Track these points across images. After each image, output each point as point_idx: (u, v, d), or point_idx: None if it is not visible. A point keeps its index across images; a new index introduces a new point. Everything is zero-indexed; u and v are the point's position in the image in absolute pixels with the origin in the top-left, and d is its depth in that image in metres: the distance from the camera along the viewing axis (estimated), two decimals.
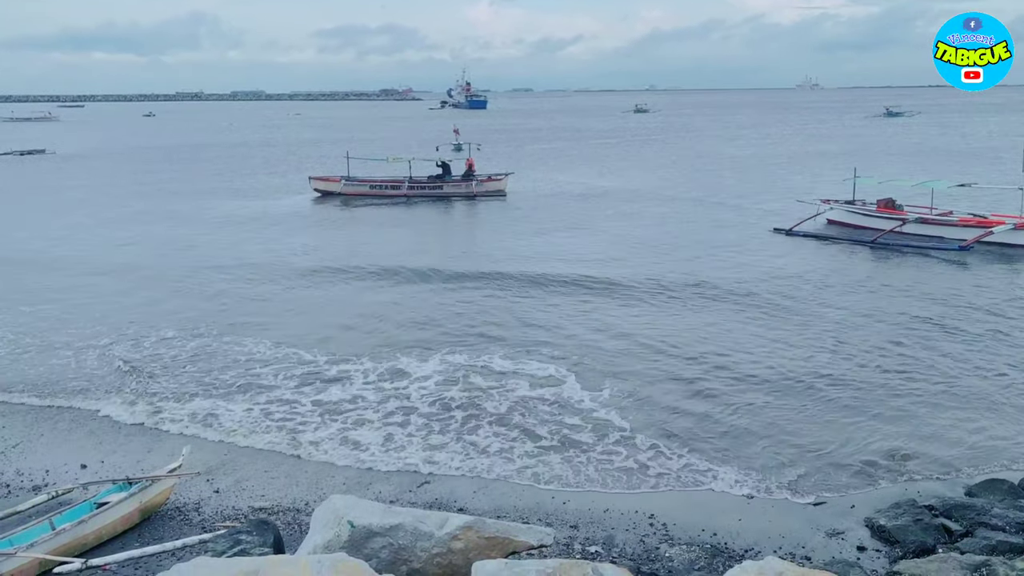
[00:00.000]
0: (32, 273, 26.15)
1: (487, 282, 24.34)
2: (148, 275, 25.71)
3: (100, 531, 10.38)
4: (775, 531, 10.62)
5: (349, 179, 44.40)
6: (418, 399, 15.30)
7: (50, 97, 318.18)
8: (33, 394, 15.88)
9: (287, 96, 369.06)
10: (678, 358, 17.35)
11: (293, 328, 19.87)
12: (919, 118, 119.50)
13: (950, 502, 10.92)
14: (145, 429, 14.32)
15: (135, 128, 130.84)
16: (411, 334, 19.31)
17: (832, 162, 57.32)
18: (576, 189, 45.93)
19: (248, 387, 16.06)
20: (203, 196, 45.08)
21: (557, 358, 17.38)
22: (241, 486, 12.14)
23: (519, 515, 11.03)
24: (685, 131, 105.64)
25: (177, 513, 11.31)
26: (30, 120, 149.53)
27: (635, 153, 71.53)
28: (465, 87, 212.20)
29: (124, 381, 16.49)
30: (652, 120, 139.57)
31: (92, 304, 22.29)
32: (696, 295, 22.50)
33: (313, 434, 13.94)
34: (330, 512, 8.64)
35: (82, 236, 33.06)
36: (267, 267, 26.90)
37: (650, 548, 10.21)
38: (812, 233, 31.05)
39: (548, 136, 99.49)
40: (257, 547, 9.11)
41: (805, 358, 17.16)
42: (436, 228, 36.53)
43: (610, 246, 29.66)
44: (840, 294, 22.45)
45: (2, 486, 12.10)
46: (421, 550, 8.35)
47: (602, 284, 23.76)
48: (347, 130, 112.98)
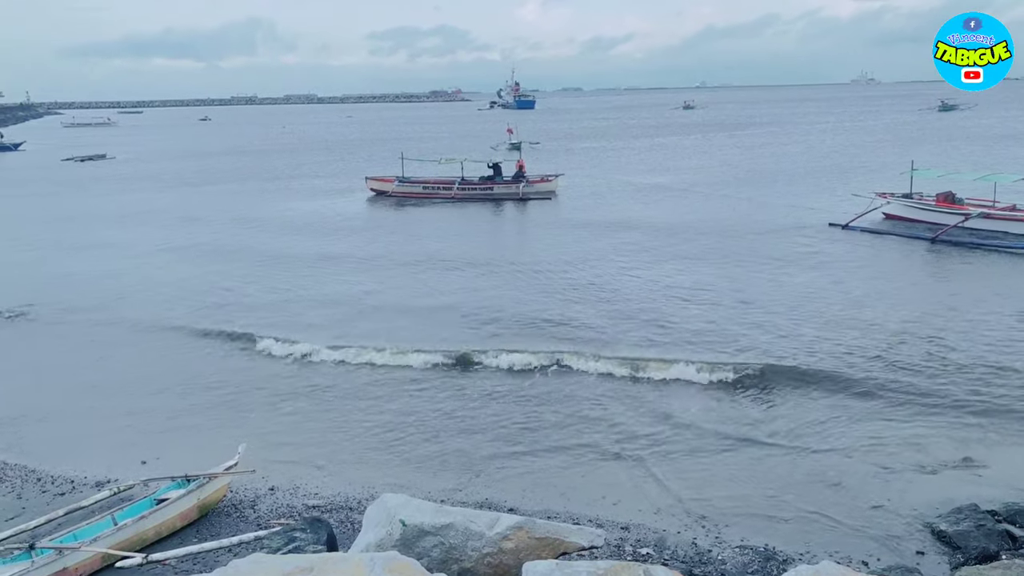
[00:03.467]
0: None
1: (537, 282, 24.35)
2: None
3: (160, 527, 10.65)
4: (831, 535, 10.43)
5: (402, 179, 45.20)
6: (472, 399, 15.37)
7: (111, 103, 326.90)
8: (97, 394, 16.37)
9: (339, 99, 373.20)
10: (735, 356, 17.15)
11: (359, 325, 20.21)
12: (975, 111, 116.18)
13: (1014, 507, 10.60)
14: (201, 427, 14.65)
15: (192, 132, 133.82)
16: (466, 334, 19.42)
17: (884, 155, 56.05)
18: (626, 188, 45.52)
19: (299, 386, 16.32)
20: (268, 196, 46.07)
21: (613, 360, 17.32)
22: (295, 484, 12.34)
23: (569, 516, 11.02)
24: (734, 128, 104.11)
25: (233, 510, 11.54)
26: (90, 126, 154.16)
27: (684, 150, 70.72)
28: (514, 87, 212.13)
29: (182, 378, 16.90)
30: (701, 117, 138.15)
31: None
32: (754, 293, 22.12)
33: (365, 431, 14.09)
34: (382, 511, 8.71)
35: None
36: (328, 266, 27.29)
37: (702, 551, 10.10)
38: (869, 228, 30.33)
39: (596, 134, 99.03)
40: (311, 544, 9.25)
41: (866, 358, 16.76)
42: (486, 230, 36.62)
43: (660, 244, 29.35)
44: (901, 292, 21.93)
45: (67, 482, 12.49)
46: (472, 550, 8.37)
47: (657, 284, 23.58)
48: (398, 131, 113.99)
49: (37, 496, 12.01)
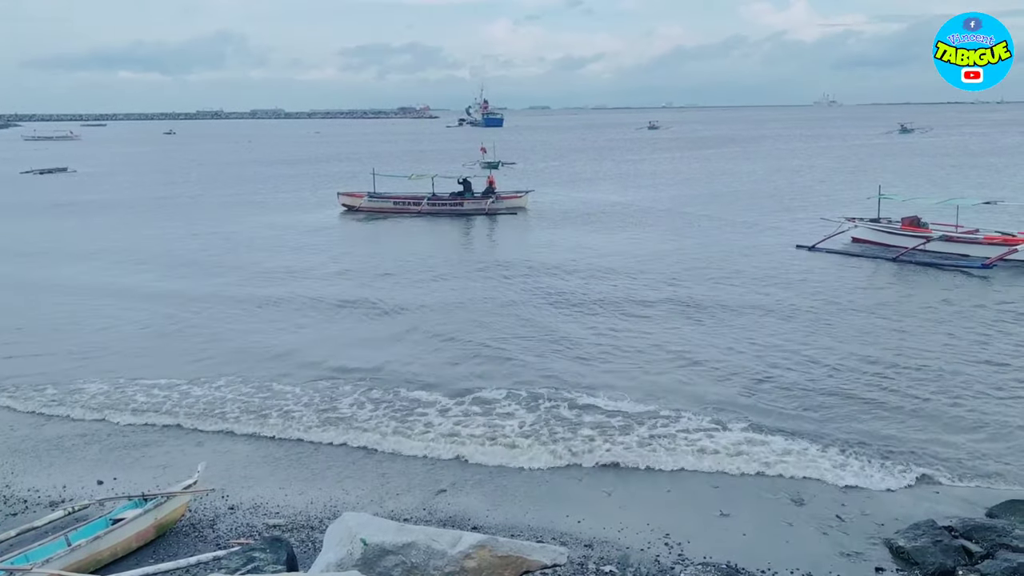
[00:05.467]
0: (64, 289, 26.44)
1: (498, 293, 24.40)
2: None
3: (115, 547, 10.42)
4: (791, 552, 10.49)
5: (373, 195, 45.84)
6: (433, 413, 15.30)
7: (73, 116, 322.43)
8: (50, 405, 16.04)
9: (306, 114, 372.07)
10: (701, 373, 17.39)
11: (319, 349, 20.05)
12: (929, 134, 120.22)
13: (970, 523, 10.75)
14: (159, 444, 14.40)
15: (156, 146, 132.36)
16: (423, 348, 19.41)
17: (848, 177, 57.20)
18: (591, 206, 46.02)
19: (264, 405, 16.13)
20: (233, 210, 45.67)
21: (576, 373, 17.41)
22: (255, 503, 12.16)
23: (532, 533, 10.97)
24: (697, 148, 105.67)
25: (192, 530, 11.34)
26: (52, 139, 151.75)
27: (648, 170, 71.51)
28: (483, 105, 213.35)
29: (132, 395, 16.62)
30: (664, 137, 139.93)
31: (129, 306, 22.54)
32: (720, 309, 22.54)
33: (326, 451, 13.96)
34: (343, 530, 8.65)
35: None
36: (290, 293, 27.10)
37: (665, 568, 10.11)
38: (836, 250, 30.94)
39: (562, 152, 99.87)
40: (271, 564, 9.12)
41: (826, 373, 17.09)
42: (457, 243, 36.67)
43: (630, 262, 29.59)
44: (863, 307, 22.52)
45: (19, 501, 12.18)
46: (434, 568, 8.34)
47: (622, 298, 23.80)
48: (367, 147, 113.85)
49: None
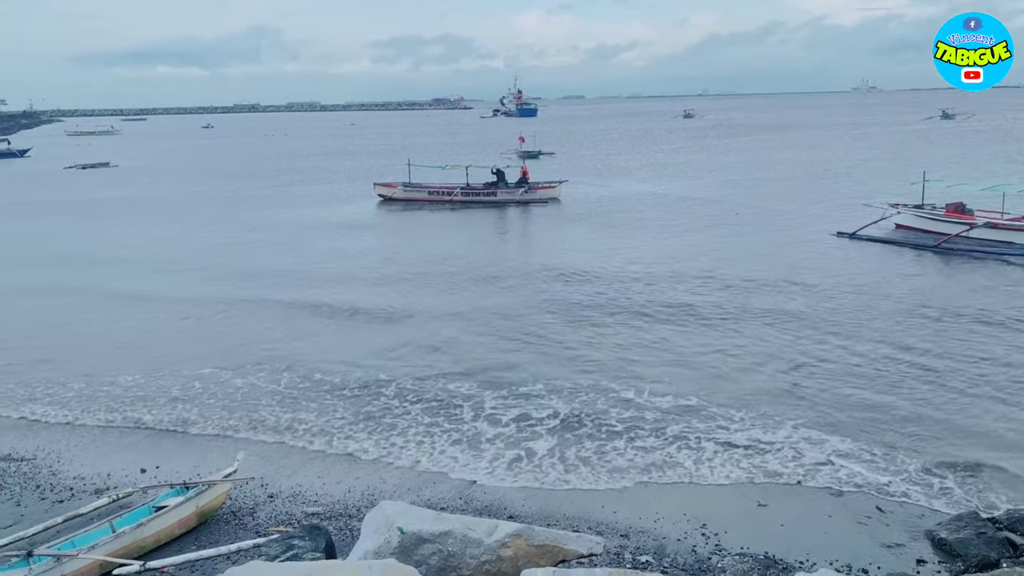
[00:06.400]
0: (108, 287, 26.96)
1: (533, 288, 24.40)
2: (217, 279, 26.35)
3: (158, 534, 10.63)
4: (830, 542, 10.39)
5: (407, 185, 46.16)
6: (468, 406, 15.36)
7: (114, 111, 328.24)
8: (92, 396, 16.37)
9: (342, 107, 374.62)
10: (737, 368, 17.17)
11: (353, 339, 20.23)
12: (972, 120, 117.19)
13: (1015, 515, 10.53)
14: (199, 433, 14.64)
15: (194, 140, 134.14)
16: (462, 344, 19.48)
17: (883, 166, 56.18)
18: (625, 196, 45.72)
19: (302, 396, 16.31)
20: (274, 204, 46.19)
21: (615, 368, 17.37)
22: (294, 491, 12.31)
23: (569, 523, 10.98)
24: (733, 136, 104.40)
25: (232, 517, 11.52)
26: (94, 134, 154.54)
27: (683, 159, 70.76)
28: (516, 95, 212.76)
29: (173, 387, 16.91)
30: (701, 124, 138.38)
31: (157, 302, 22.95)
32: (758, 300, 22.18)
33: (363, 441, 14.08)
34: (380, 518, 8.70)
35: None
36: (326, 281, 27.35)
37: (702, 558, 10.07)
38: (877, 237, 30.40)
39: (595, 142, 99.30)
40: (309, 552, 9.23)
41: (866, 367, 16.79)
42: (489, 234, 36.72)
43: (664, 254, 29.27)
44: (905, 298, 22.00)
45: (65, 489, 12.47)
46: (470, 557, 8.36)
47: (655, 292, 23.63)
48: (402, 139, 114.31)
49: (36, 503, 11.98)
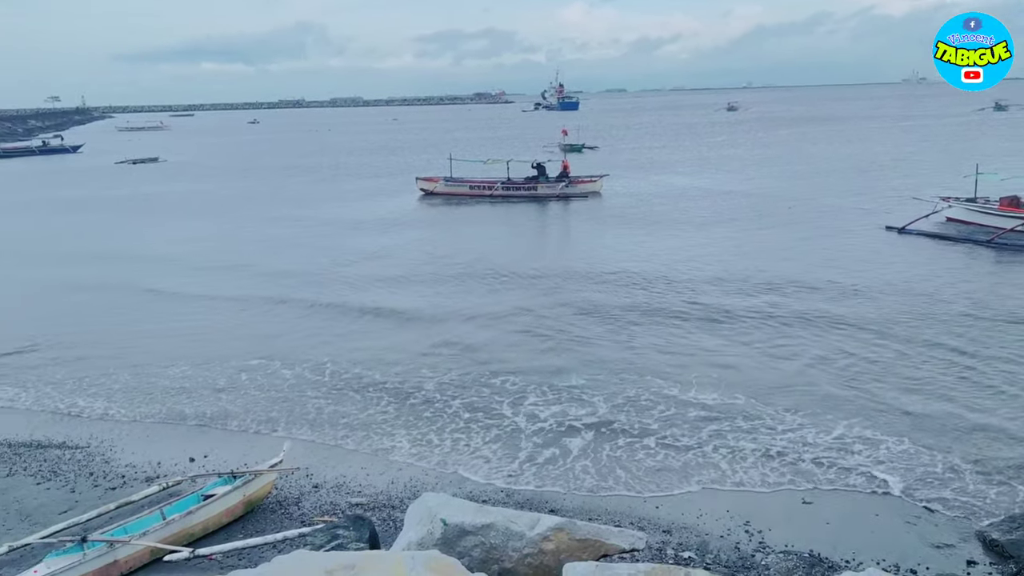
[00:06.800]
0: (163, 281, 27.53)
1: (573, 284, 24.34)
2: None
3: (206, 522, 10.85)
4: (878, 542, 10.23)
5: (449, 179, 46.44)
6: (508, 403, 15.41)
7: (163, 107, 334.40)
8: (141, 388, 16.74)
9: (384, 102, 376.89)
10: (786, 368, 16.97)
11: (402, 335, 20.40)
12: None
13: None
14: (244, 424, 14.88)
15: (240, 135, 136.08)
16: (503, 341, 19.52)
17: (933, 159, 54.92)
18: (667, 191, 45.26)
19: (346, 387, 16.50)
20: (322, 199, 46.74)
21: (658, 366, 17.28)
22: (338, 482, 12.47)
23: (610, 518, 10.96)
24: (778, 128, 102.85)
25: (278, 507, 11.70)
26: (143, 129, 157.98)
27: (727, 153, 69.88)
28: (558, 89, 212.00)
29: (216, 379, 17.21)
30: (743, 118, 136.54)
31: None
32: (805, 298, 21.76)
33: (404, 434, 14.20)
34: (423, 510, 8.76)
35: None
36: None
37: (745, 555, 9.98)
38: (927, 231, 29.70)
39: (637, 135, 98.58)
40: (353, 542, 9.32)
41: (916, 366, 16.47)
42: (530, 231, 36.71)
43: (708, 252, 28.89)
44: (957, 297, 21.30)
45: (118, 477, 12.78)
46: (512, 550, 8.38)
47: (709, 290, 23.41)
48: (443, 134, 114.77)
49: (89, 490, 12.31)
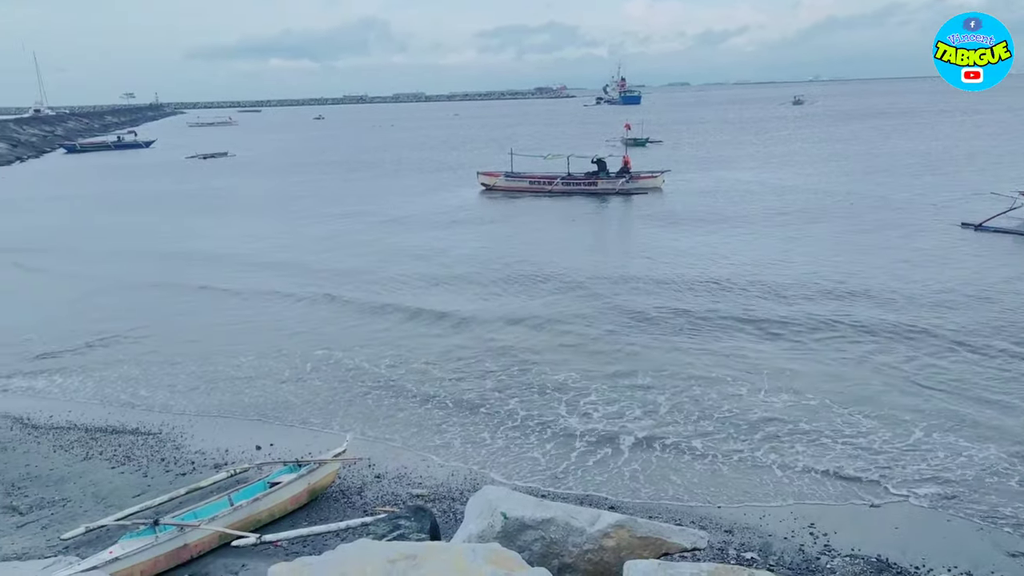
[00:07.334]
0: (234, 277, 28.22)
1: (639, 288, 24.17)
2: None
3: (272, 509, 11.09)
4: (948, 549, 9.93)
5: (509, 174, 46.69)
6: (566, 401, 15.38)
7: (232, 103, 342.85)
8: (210, 377, 17.19)
9: (446, 97, 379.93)
10: (861, 372, 16.51)
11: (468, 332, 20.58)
12: None
13: None
14: (309, 413, 15.16)
15: (306, 131, 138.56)
16: (567, 340, 19.50)
17: (1009, 153, 52.93)
18: (731, 187, 44.42)
19: (406, 379, 16.68)
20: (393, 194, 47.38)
21: (724, 367, 17.07)
22: (400, 473, 12.61)
23: (671, 516, 10.87)
24: (846, 122, 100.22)
25: (341, 496, 11.90)
26: (213, 125, 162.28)
27: (794, 148, 68.39)
28: (620, 83, 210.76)
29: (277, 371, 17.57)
30: (810, 112, 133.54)
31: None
32: (875, 302, 20.96)
33: (463, 428, 14.29)
34: (484, 503, 8.80)
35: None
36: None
37: (810, 558, 9.79)
38: (1006, 228, 28.63)
39: (700, 130, 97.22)
40: (415, 532, 9.42)
41: (1001, 372, 15.78)
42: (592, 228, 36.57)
43: (777, 251, 28.07)
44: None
45: (187, 463, 13.15)
46: (573, 545, 8.36)
47: (774, 294, 23.00)
48: (504, 130, 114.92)
49: (161, 475, 12.70)
